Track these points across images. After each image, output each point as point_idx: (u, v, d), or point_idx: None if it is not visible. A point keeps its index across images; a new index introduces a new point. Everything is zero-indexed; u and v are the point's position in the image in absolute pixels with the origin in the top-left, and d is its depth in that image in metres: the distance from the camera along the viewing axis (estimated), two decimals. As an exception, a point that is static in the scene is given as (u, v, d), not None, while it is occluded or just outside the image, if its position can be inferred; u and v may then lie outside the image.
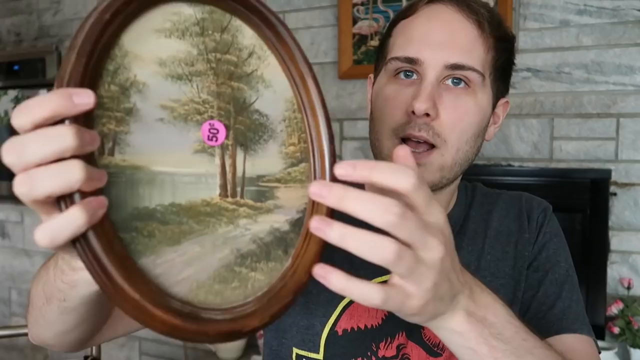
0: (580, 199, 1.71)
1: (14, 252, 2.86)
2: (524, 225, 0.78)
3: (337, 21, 2.01)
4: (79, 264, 0.43)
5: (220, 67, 0.47)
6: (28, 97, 2.64)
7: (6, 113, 2.64)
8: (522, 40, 1.77)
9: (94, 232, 0.37)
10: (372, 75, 0.79)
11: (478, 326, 0.47)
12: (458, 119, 0.66)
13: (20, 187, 0.36)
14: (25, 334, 1.43)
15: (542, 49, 1.75)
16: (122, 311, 0.40)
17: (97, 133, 0.39)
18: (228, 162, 0.46)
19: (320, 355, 0.71)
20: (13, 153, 0.36)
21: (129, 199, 0.42)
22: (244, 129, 0.47)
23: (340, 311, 0.70)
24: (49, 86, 2.63)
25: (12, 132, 0.34)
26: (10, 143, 0.36)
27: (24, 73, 2.70)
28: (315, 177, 0.48)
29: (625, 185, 1.68)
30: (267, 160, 0.48)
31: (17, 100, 2.62)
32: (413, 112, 0.65)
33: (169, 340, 2.45)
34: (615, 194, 1.69)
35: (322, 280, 0.42)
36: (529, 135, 1.79)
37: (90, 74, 0.39)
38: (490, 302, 0.50)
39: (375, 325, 0.70)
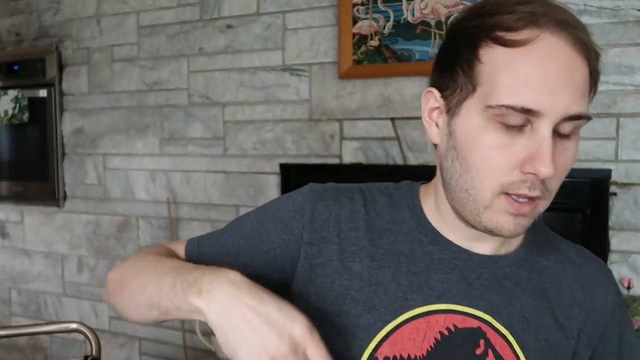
0: (580, 199, 1.71)
1: (14, 252, 2.86)
2: (590, 300, 0.71)
3: (337, 21, 2.00)
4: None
5: None
6: (28, 97, 2.65)
7: (6, 113, 2.64)
8: (522, 40, 1.77)
9: None
10: (435, 93, 0.67)
11: None
12: (564, 169, 0.62)
13: None
14: (25, 334, 1.43)
15: (542, 49, 1.75)
16: None
17: None
18: None
19: None
20: None
21: None
22: None
23: (384, 337, 0.66)
24: (48, 86, 2.63)
25: (13, 132, 0.31)
26: None
27: (24, 73, 2.70)
28: None
29: (625, 185, 1.68)
30: None
31: (17, 100, 2.62)
32: (531, 172, 0.59)
33: (169, 340, 2.45)
34: (615, 194, 1.69)
35: None
36: (529, 135, 1.79)
37: None
38: None
39: (420, 356, 0.65)
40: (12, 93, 2.63)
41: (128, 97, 2.48)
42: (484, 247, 0.70)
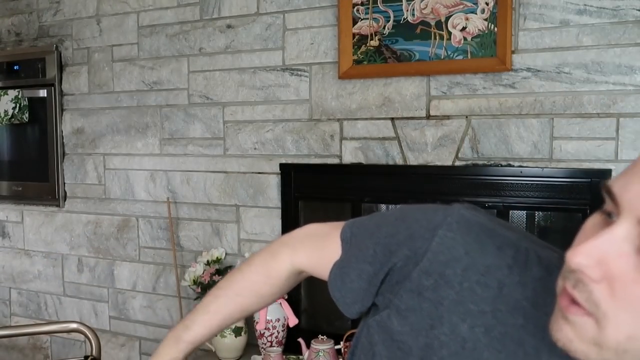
0: (580, 199, 1.71)
1: (14, 252, 2.86)
2: None
3: (337, 21, 2.00)
4: None
5: None
6: (28, 97, 2.65)
7: (6, 113, 2.64)
8: (522, 40, 1.77)
9: None
10: None
11: None
12: (635, 298, 0.46)
13: None
14: (25, 334, 1.43)
15: (542, 49, 1.75)
16: None
17: None
18: None
19: None
20: None
21: None
22: None
23: None
24: (48, 86, 2.63)
25: (13, 132, 0.31)
26: None
27: (24, 73, 2.70)
28: None
29: (625, 185, 1.68)
30: None
31: (17, 100, 2.62)
32: None
33: (169, 340, 2.45)
34: (615, 194, 1.68)
35: None
36: (529, 135, 1.79)
37: None
38: None
39: None
40: (12, 93, 2.63)
41: (128, 97, 2.48)
42: None
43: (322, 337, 1.89)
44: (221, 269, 2.16)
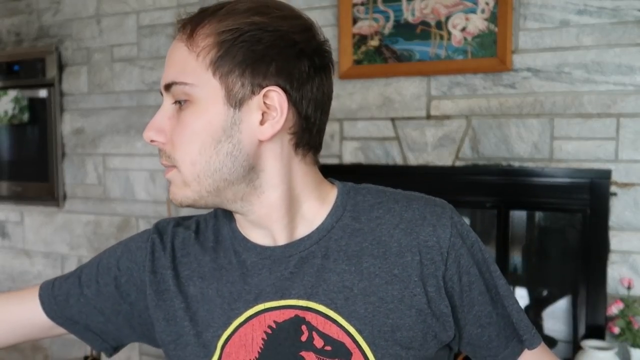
0: (580, 199, 1.71)
1: (14, 252, 2.86)
2: (418, 242, 0.69)
3: (337, 21, 2.00)
4: None
5: None
6: (28, 97, 2.65)
7: (6, 113, 2.64)
8: (522, 40, 1.77)
9: None
10: None
11: None
12: (179, 135, 0.67)
13: None
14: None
15: (542, 49, 1.75)
16: None
17: None
18: None
19: None
20: None
21: None
22: None
23: (220, 350, 0.70)
24: (48, 86, 2.63)
25: (13, 132, 0.31)
26: None
27: (24, 73, 2.70)
28: None
29: (625, 185, 1.68)
30: None
31: (17, 100, 2.62)
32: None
33: (169, 340, 2.45)
34: (615, 194, 1.69)
35: None
36: (529, 135, 1.79)
37: None
38: None
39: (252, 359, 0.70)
40: (12, 93, 2.63)
41: (128, 97, 2.48)
42: (282, 235, 0.71)
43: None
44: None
